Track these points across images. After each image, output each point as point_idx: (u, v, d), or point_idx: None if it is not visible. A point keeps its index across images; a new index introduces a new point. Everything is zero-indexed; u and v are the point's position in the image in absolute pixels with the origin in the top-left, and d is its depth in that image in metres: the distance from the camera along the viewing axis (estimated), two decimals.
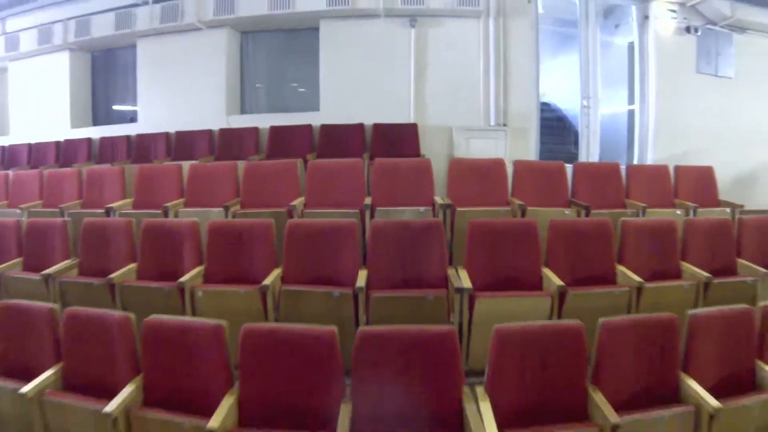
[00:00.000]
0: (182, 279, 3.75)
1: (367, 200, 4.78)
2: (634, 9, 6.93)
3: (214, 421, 2.57)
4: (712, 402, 2.72)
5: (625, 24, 7.34)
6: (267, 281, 3.68)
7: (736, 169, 6.80)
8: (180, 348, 2.87)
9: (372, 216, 4.56)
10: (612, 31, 7.56)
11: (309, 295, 3.63)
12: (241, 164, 5.40)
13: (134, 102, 7.55)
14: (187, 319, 3.38)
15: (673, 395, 2.91)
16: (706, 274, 3.96)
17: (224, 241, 4.12)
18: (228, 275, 3.96)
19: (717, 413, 2.69)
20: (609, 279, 3.99)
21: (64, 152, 7.29)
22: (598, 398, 2.77)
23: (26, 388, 2.89)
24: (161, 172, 5.58)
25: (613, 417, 2.60)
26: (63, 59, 7.69)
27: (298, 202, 4.82)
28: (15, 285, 4.31)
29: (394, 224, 4.02)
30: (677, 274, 4.16)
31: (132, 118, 7.65)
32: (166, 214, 4.86)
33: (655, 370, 2.96)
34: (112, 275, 3.95)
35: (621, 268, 3.98)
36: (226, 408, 2.62)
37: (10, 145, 7.74)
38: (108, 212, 5.01)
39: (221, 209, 4.78)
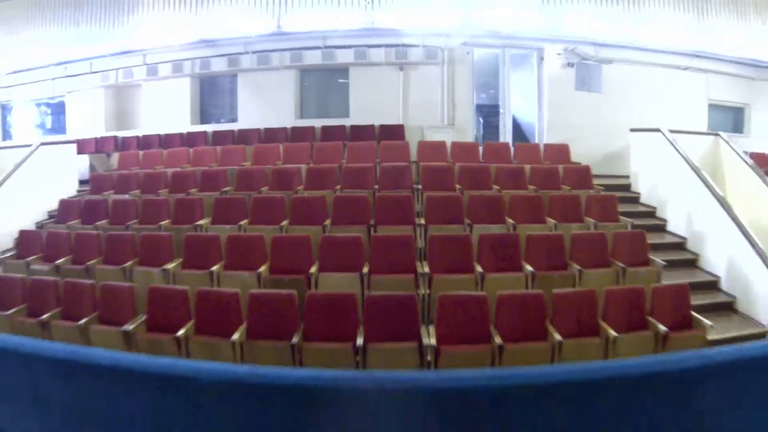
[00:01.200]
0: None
1: (377, 159, 9.78)
2: (535, 54, 12.01)
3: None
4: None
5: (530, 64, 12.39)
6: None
7: (603, 149, 11.61)
8: None
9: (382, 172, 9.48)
10: (527, 68, 12.54)
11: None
12: (306, 145, 10.58)
13: (231, 109, 12.76)
14: None
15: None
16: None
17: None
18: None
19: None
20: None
21: (187, 139, 12.30)
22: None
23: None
24: (264, 149, 10.72)
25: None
26: (186, 82, 12.78)
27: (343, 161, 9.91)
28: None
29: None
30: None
31: (225, 120, 12.85)
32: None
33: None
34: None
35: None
36: None
37: (143, 135, 12.76)
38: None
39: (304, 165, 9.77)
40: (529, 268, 6.62)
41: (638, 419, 1.69)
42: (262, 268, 6.70)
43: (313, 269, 6.63)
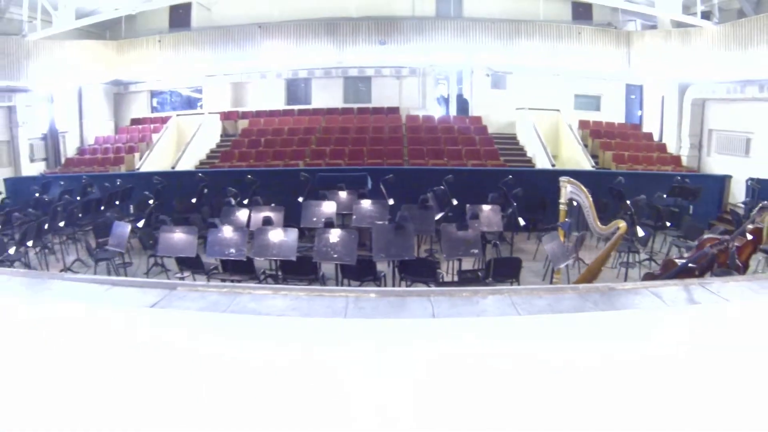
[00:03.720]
0: None
1: (386, 124, 21.85)
2: (469, 69, 23.92)
3: None
4: None
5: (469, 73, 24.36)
6: None
7: (507, 122, 23.49)
8: None
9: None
10: (467, 76, 24.49)
11: None
12: (351, 116, 22.83)
13: (305, 97, 24.79)
14: None
15: None
16: None
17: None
18: None
19: None
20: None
21: (282, 112, 24.43)
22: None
23: None
24: (330, 118, 23.16)
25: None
26: (282, 82, 24.89)
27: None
28: None
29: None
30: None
31: (302, 103, 24.89)
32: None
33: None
34: None
35: None
36: None
37: (255, 110, 24.94)
38: None
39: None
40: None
41: None
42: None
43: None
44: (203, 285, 7.48)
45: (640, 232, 10.01)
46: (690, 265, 7.05)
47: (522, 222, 10.87)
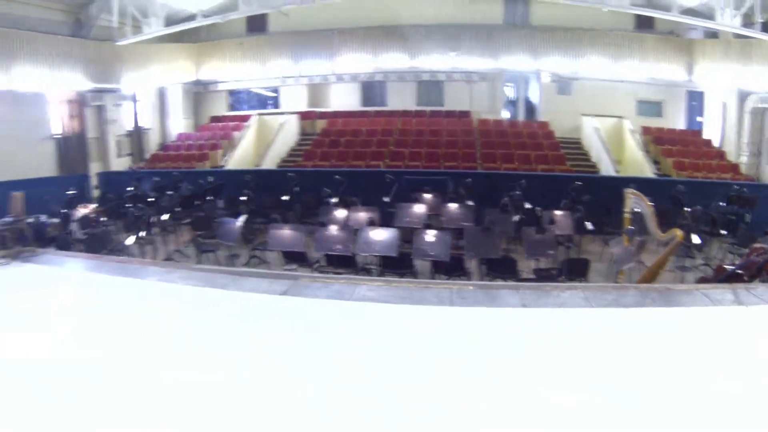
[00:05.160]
0: None
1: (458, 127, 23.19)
2: (535, 76, 25.10)
3: None
4: None
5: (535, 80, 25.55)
6: None
7: (572, 127, 24.63)
8: None
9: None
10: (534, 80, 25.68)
11: None
12: (425, 119, 24.18)
13: (381, 99, 26.28)
14: None
15: None
16: None
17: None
18: None
19: None
20: None
21: (358, 113, 25.99)
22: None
23: None
24: (405, 120, 24.56)
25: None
26: (357, 85, 26.46)
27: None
28: None
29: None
30: None
31: (377, 105, 26.38)
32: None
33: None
34: None
35: None
36: None
37: (332, 110, 26.57)
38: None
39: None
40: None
41: None
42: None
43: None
44: (324, 276, 8.98)
45: (696, 240, 11.19)
46: (738, 271, 8.21)
47: (590, 226, 11.95)
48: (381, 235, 9.92)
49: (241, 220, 11.97)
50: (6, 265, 11.58)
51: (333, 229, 10.44)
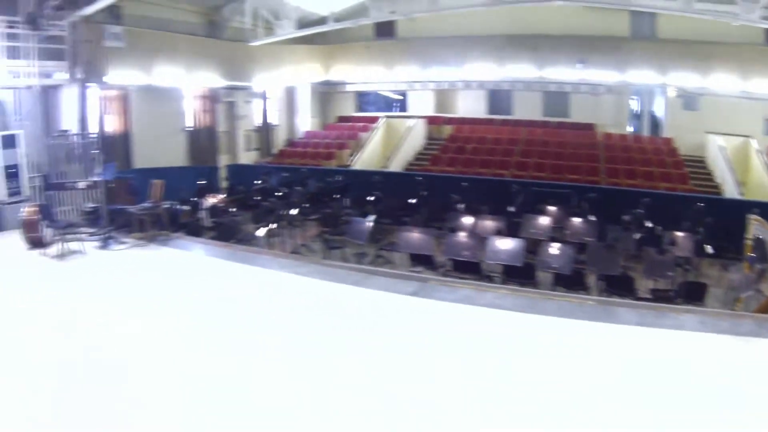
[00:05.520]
0: None
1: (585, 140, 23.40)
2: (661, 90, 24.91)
3: None
4: None
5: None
6: None
7: (697, 144, 24.36)
8: None
9: None
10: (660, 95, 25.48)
11: None
12: (550, 130, 24.44)
13: (507, 108, 26.68)
14: None
15: None
16: None
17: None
18: None
19: None
20: None
21: (484, 121, 26.44)
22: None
23: None
24: (529, 130, 24.88)
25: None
26: (483, 93, 26.87)
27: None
28: None
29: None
30: None
31: (503, 114, 26.83)
32: None
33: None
34: None
35: None
36: None
37: (459, 116, 27.12)
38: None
39: None
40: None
41: None
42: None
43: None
44: (450, 281, 9.60)
45: None
46: None
47: (710, 250, 11.94)
48: (507, 244, 10.39)
49: (370, 220, 12.50)
50: (143, 247, 12.79)
51: (461, 236, 10.98)
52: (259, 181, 18.20)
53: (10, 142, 15.17)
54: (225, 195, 17.57)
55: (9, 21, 15.01)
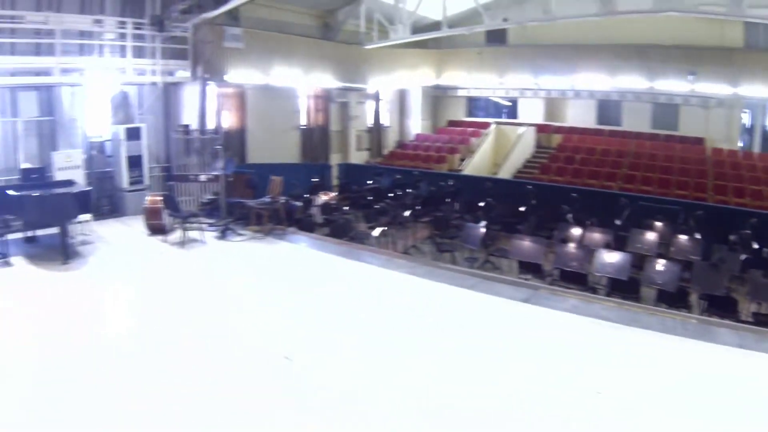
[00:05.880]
0: None
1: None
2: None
3: None
4: None
5: None
6: None
7: None
8: None
9: None
10: None
11: None
12: (658, 143, 24.43)
13: (615, 118, 26.68)
14: None
15: None
16: None
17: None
18: None
19: None
20: None
21: (592, 131, 26.56)
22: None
23: None
24: (637, 143, 24.98)
25: None
26: (593, 103, 27.00)
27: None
28: None
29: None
30: None
31: (611, 124, 26.87)
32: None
33: None
34: None
35: None
36: None
37: (567, 125, 27.32)
38: None
39: None
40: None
41: None
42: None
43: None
44: (561, 290, 10.15)
45: None
46: None
47: None
48: (614, 257, 10.79)
49: (483, 225, 13.04)
50: (260, 240, 13.75)
51: (571, 247, 11.47)
52: (371, 182, 18.92)
53: (134, 134, 16.57)
54: (336, 193, 18.43)
55: (136, 22, 16.44)
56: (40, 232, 13.53)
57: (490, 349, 7.74)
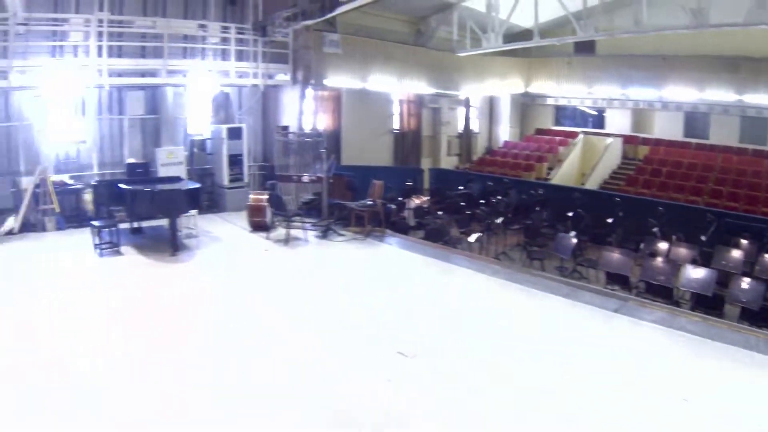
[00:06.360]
0: None
1: None
2: None
3: None
4: None
5: None
6: None
7: None
8: None
9: None
10: None
11: None
12: (746, 158, 24.35)
13: (703, 131, 26.53)
14: None
15: None
16: None
17: None
18: None
19: None
20: None
21: (679, 144, 26.45)
22: None
23: None
24: (725, 157, 24.83)
25: None
26: (679, 115, 26.90)
27: None
28: None
29: None
30: None
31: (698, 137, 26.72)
32: None
33: None
34: None
35: None
36: None
37: (654, 137, 27.30)
38: None
39: None
40: None
41: None
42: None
43: None
44: (649, 302, 10.64)
45: None
46: None
47: None
48: (700, 273, 11.08)
49: (573, 236, 13.50)
50: (360, 241, 14.54)
51: (659, 260, 11.85)
52: (462, 187, 19.47)
53: (235, 134, 17.68)
54: (428, 197, 19.00)
55: (239, 27, 17.55)
56: (145, 224, 14.76)
57: (582, 355, 8.33)
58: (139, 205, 13.38)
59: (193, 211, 14.68)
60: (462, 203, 17.40)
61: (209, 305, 10.19)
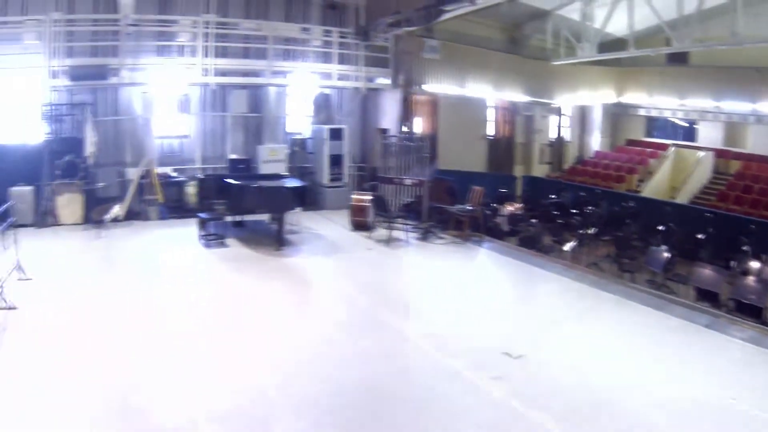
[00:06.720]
0: None
1: None
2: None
3: None
4: None
5: None
6: None
7: None
8: None
9: None
10: None
11: None
12: None
13: None
14: None
15: None
16: None
17: None
18: None
19: None
20: None
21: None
22: None
23: None
24: None
25: None
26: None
27: None
28: None
29: None
30: None
31: None
32: None
33: None
34: None
35: None
36: None
37: (746, 152, 26.79)
38: None
39: None
40: None
41: None
42: None
43: None
44: (740, 320, 10.90)
45: None
46: None
47: None
48: None
49: (665, 249, 13.64)
50: (460, 245, 15.09)
51: (750, 280, 11.93)
52: (554, 196, 19.73)
53: (336, 134, 18.44)
54: (521, 204, 19.35)
55: (341, 32, 18.37)
56: (248, 218, 15.60)
57: (673, 365, 8.79)
58: (248, 200, 14.15)
59: (298, 209, 15.41)
60: (554, 212, 17.63)
61: (323, 299, 11.08)
